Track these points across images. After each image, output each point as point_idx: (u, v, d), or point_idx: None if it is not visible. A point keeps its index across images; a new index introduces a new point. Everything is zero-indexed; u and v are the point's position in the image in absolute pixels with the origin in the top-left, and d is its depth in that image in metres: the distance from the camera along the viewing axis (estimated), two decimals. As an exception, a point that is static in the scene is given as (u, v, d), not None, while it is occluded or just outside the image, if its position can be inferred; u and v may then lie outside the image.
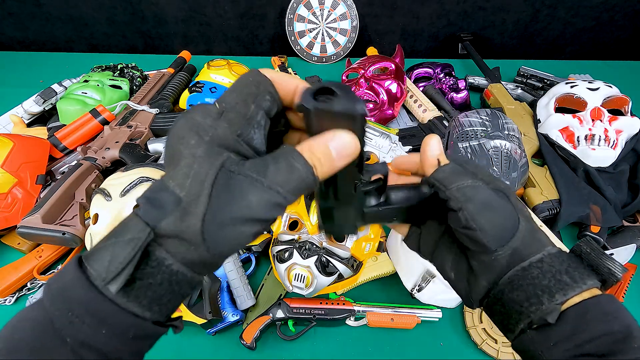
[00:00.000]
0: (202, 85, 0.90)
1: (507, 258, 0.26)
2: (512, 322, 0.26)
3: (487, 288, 0.27)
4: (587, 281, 0.25)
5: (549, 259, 0.26)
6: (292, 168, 0.22)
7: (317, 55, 1.21)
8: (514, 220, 0.26)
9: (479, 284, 0.27)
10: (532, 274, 0.25)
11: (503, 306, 0.27)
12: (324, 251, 0.56)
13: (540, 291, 0.25)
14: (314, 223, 0.58)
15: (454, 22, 1.21)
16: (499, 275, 0.26)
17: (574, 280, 0.25)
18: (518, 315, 0.26)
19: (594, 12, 1.17)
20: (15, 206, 0.69)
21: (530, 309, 0.25)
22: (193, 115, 0.23)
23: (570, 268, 0.25)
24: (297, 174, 0.22)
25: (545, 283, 0.25)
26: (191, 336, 0.61)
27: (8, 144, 0.71)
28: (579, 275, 0.25)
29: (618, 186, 0.73)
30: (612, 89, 0.81)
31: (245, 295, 0.61)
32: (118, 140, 0.79)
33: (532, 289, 0.25)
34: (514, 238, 0.26)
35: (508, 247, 0.26)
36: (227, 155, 0.22)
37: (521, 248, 0.26)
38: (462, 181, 0.27)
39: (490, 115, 0.74)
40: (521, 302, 0.25)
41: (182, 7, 1.20)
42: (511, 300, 0.26)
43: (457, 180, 0.27)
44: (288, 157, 0.22)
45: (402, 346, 0.60)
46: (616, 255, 0.67)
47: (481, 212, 0.26)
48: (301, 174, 0.22)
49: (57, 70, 1.15)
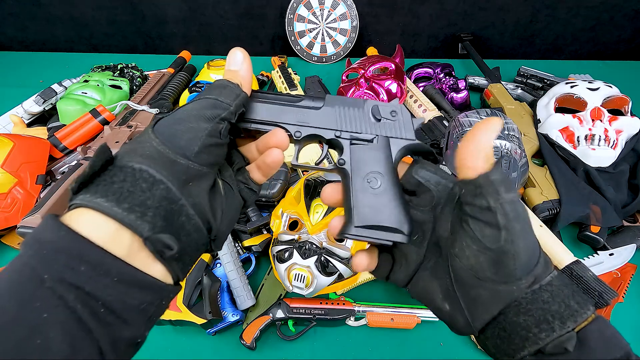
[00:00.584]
0: (202, 85, 0.90)
1: (527, 287, 0.24)
2: (514, 347, 0.24)
3: (494, 316, 0.25)
4: (590, 307, 0.23)
5: (556, 281, 0.24)
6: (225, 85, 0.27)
7: (317, 55, 1.21)
8: (537, 243, 0.24)
9: (487, 313, 0.24)
10: (543, 298, 0.23)
11: (504, 330, 0.24)
12: (324, 251, 0.56)
13: (550, 317, 0.23)
14: (314, 223, 0.58)
15: (454, 22, 1.21)
16: (510, 303, 0.24)
17: (580, 306, 0.23)
18: (523, 341, 0.24)
19: (594, 12, 1.17)
20: (15, 206, 0.69)
21: (540, 335, 0.23)
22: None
23: (575, 292, 0.24)
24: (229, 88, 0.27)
25: (555, 308, 0.23)
26: (191, 336, 0.61)
27: (8, 144, 0.71)
28: (582, 301, 0.24)
29: (618, 186, 0.73)
30: (612, 89, 0.81)
31: (245, 295, 0.61)
32: (118, 140, 0.79)
33: (542, 314, 0.23)
34: (538, 265, 0.24)
35: (532, 276, 0.23)
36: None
37: (540, 275, 0.24)
38: (511, 193, 0.23)
39: (490, 115, 0.74)
40: (529, 327, 0.23)
41: (182, 7, 1.20)
42: (516, 324, 0.24)
43: (512, 189, 0.23)
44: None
45: (402, 346, 0.60)
46: (616, 255, 0.67)
47: (524, 234, 0.23)
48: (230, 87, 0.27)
49: (57, 70, 1.15)
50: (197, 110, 0.26)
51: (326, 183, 0.61)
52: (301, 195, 0.60)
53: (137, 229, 0.21)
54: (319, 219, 0.57)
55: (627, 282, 0.65)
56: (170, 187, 0.23)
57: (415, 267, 0.28)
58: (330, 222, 0.30)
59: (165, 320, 0.57)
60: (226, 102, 0.26)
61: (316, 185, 0.61)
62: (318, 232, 0.57)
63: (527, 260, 0.23)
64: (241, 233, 0.68)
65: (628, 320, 0.62)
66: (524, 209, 0.24)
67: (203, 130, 0.25)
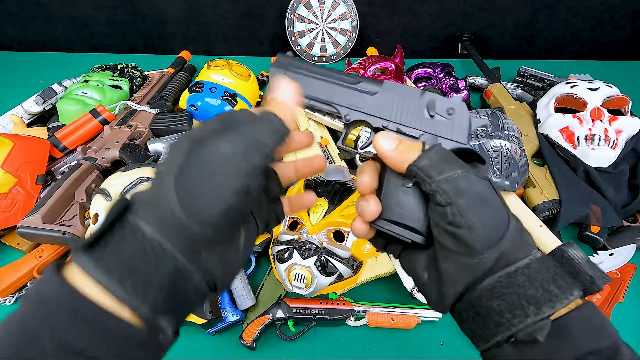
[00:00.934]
0: (202, 85, 0.90)
1: (492, 262, 0.23)
2: (488, 332, 0.24)
3: (461, 293, 0.24)
4: (574, 291, 0.22)
5: (536, 264, 0.23)
6: (269, 120, 0.24)
7: (317, 55, 1.21)
8: (504, 218, 0.24)
9: (454, 288, 0.24)
10: (518, 282, 0.23)
11: (478, 314, 0.24)
12: (324, 251, 0.56)
13: (525, 302, 0.22)
14: (314, 223, 0.58)
15: (454, 22, 1.21)
16: (477, 280, 0.23)
17: (562, 291, 0.22)
18: (496, 326, 0.23)
19: (594, 12, 1.17)
20: (15, 206, 0.69)
21: (513, 321, 0.22)
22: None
23: (557, 276, 0.23)
24: (271, 125, 0.24)
25: (532, 293, 0.22)
26: (191, 336, 0.61)
27: (8, 144, 0.71)
28: (565, 285, 0.22)
29: (618, 186, 0.73)
30: (612, 89, 0.81)
31: (245, 295, 0.61)
32: (118, 140, 0.79)
33: (517, 298, 0.22)
34: (504, 239, 0.23)
35: (496, 250, 0.23)
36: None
37: (509, 251, 0.23)
38: (453, 171, 0.24)
39: (490, 115, 0.74)
40: (502, 312, 0.23)
41: (182, 7, 1.20)
42: (490, 309, 0.23)
43: (446, 169, 0.24)
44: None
45: (402, 346, 0.60)
46: (616, 255, 0.67)
47: (473, 207, 0.23)
48: (273, 124, 0.24)
49: (57, 70, 1.15)
50: (230, 156, 0.22)
51: (326, 183, 0.61)
52: (301, 195, 0.60)
53: (137, 309, 0.20)
54: (319, 219, 0.57)
55: (627, 282, 0.65)
56: (179, 259, 0.21)
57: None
58: (361, 204, 0.28)
59: (165, 320, 0.57)
60: (267, 144, 0.23)
61: (316, 185, 0.61)
62: (318, 232, 0.57)
63: (486, 233, 0.23)
64: (241, 233, 0.68)
65: (628, 320, 0.62)
66: (473, 182, 0.24)
67: (230, 188, 0.21)
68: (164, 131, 0.86)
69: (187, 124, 0.86)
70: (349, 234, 0.58)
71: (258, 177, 0.23)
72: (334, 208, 0.58)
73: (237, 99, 0.92)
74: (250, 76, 0.97)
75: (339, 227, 0.58)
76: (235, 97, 0.92)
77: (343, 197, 0.59)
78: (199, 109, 0.89)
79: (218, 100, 0.89)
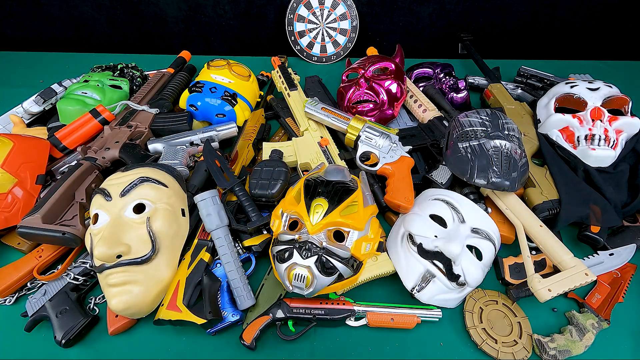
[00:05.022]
0: (202, 85, 0.90)
1: None
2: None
3: None
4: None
5: None
6: None
7: (317, 55, 1.21)
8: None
9: None
10: None
11: None
12: (324, 251, 0.56)
13: None
14: (314, 223, 0.58)
15: (454, 22, 1.21)
16: None
17: None
18: None
19: (594, 12, 1.17)
20: (15, 206, 0.69)
21: None
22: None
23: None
24: None
25: None
26: (191, 336, 0.61)
27: (8, 144, 0.71)
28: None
29: (618, 186, 0.73)
30: (612, 89, 0.81)
31: (245, 295, 0.61)
32: (118, 140, 0.79)
33: None
34: None
35: None
36: None
37: None
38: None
39: (490, 115, 0.74)
40: None
41: (182, 7, 1.20)
42: None
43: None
44: None
45: (402, 346, 0.60)
46: (616, 255, 0.67)
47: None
48: None
49: (57, 70, 1.15)
50: None
51: (326, 183, 0.61)
52: (301, 195, 0.60)
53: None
54: (319, 219, 0.57)
55: (627, 282, 0.65)
56: None
57: None
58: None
59: (165, 321, 0.57)
60: None
61: (316, 185, 0.61)
62: (318, 232, 0.57)
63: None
64: (241, 233, 0.68)
65: (628, 320, 0.62)
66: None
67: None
68: (164, 131, 0.86)
69: (187, 124, 0.86)
70: (349, 234, 0.58)
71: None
72: (334, 208, 0.58)
73: (237, 99, 0.92)
74: (250, 76, 0.97)
75: (339, 227, 0.58)
76: (235, 97, 0.92)
77: (343, 197, 0.59)
78: (199, 109, 0.89)
79: (218, 100, 0.89)
